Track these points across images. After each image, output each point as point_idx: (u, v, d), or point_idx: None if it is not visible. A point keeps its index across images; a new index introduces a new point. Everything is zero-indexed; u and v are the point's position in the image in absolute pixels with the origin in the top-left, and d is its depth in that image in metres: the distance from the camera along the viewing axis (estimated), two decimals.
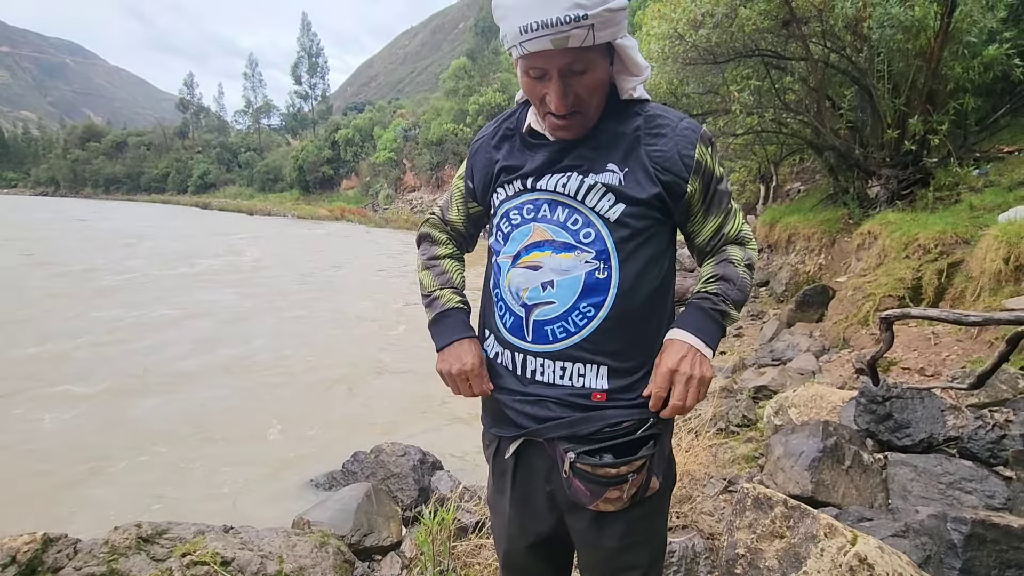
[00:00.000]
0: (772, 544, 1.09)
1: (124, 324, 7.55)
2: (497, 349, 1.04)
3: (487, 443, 1.14)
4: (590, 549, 1.03)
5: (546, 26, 0.80)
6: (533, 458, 1.03)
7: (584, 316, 0.93)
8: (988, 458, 1.90)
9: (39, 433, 4.34)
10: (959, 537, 1.20)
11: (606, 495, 0.91)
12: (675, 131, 0.93)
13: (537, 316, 0.95)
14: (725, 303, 0.98)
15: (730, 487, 2.78)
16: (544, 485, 1.03)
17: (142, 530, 2.16)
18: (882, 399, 2.21)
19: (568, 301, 0.93)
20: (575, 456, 0.91)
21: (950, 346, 3.30)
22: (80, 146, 71.69)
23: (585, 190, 0.93)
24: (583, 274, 0.93)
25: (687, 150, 0.93)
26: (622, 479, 0.90)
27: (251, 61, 63.74)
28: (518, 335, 0.98)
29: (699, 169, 0.94)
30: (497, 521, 1.14)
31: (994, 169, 5.55)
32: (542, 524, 1.05)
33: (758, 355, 5.19)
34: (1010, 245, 3.27)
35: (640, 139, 0.94)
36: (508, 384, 1.02)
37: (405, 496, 3.20)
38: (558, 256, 0.94)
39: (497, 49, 34.56)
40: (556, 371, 0.95)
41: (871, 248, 5.42)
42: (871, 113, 6.42)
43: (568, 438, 0.94)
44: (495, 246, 1.05)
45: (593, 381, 0.94)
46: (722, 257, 1.03)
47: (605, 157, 0.94)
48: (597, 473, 0.90)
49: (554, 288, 0.94)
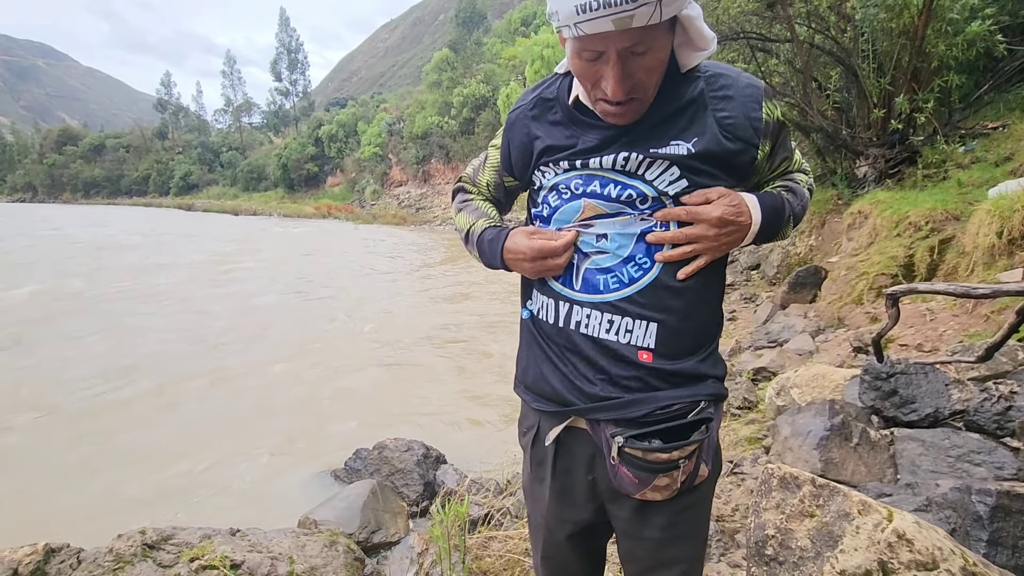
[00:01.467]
0: (803, 523, 1.08)
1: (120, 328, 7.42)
2: (541, 301, 0.98)
3: (524, 430, 1.09)
4: (632, 541, 0.99)
5: (608, 5, 0.71)
6: (574, 445, 0.99)
7: (639, 267, 0.88)
8: (995, 430, 1.91)
9: (42, 443, 4.25)
10: (985, 509, 1.20)
11: (655, 483, 0.87)
12: (740, 92, 0.88)
13: (589, 264, 0.91)
14: (788, 204, 0.97)
15: (736, 469, 2.79)
16: (585, 474, 0.99)
17: (147, 536, 2.12)
18: (886, 375, 2.23)
19: (623, 253, 0.89)
20: (624, 440, 0.87)
21: (946, 321, 3.33)
22: (56, 150, 70.09)
23: (645, 166, 0.87)
24: (639, 228, 0.89)
25: (755, 111, 0.87)
26: (673, 465, 0.86)
27: (229, 58, 62.63)
28: (566, 283, 0.93)
29: (767, 130, 0.89)
30: (535, 509, 1.10)
31: (980, 145, 5.60)
32: (581, 513, 1.02)
33: (754, 338, 5.22)
34: (1003, 219, 3.30)
35: (707, 104, 0.87)
36: (549, 339, 0.97)
37: (411, 491, 3.18)
38: (612, 220, 0.90)
39: (480, 40, 34.27)
40: (603, 323, 0.90)
41: (862, 227, 5.46)
42: (857, 93, 6.45)
43: (616, 421, 0.90)
44: (538, 218, 0.99)
45: (641, 338, 0.89)
46: (789, 178, 1.03)
47: (667, 133, 0.87)
48: (648, 459, 0.86)
49: (608, 240, 0.90)
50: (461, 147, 30.40)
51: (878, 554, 0.95)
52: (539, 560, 1.13)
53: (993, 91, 6.41)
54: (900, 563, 0.94)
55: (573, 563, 1.11)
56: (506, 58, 29.89)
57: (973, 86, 6.47)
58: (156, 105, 69.04)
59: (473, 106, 29.81)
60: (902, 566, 0.93)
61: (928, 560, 0.92)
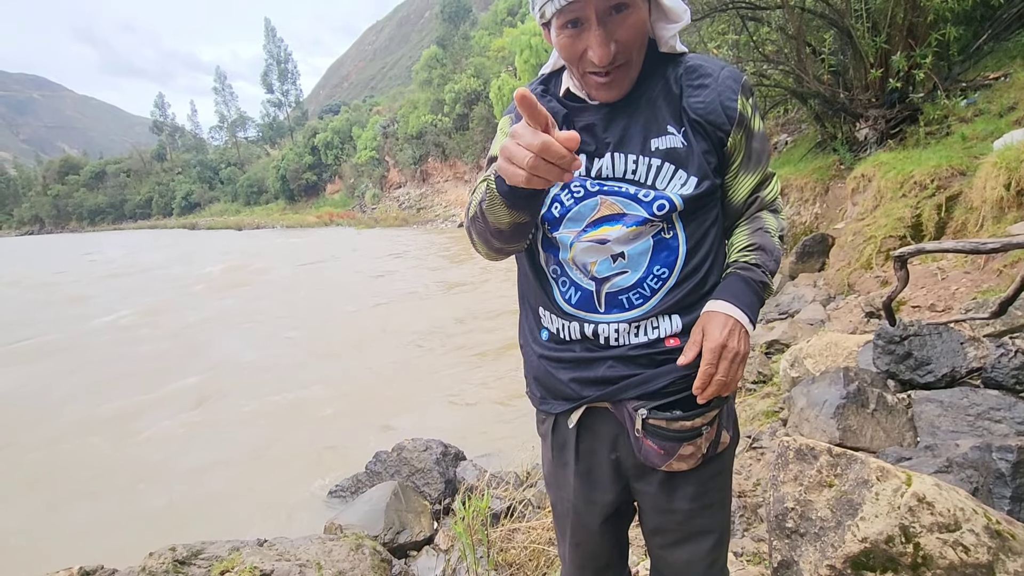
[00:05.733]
0: (821, 494, 1.08)
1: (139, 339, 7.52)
2: (559, 324, 0.98)
3: (542, 419, 1.10)
4: (661, 514, 1.00)
5: None
6: (597, 426, 1.00)
7: (658, 279, 0.91)
8: (1014, 385, 1.89)
9: (64, 461, 4.33)
10: (1007, 466, 1.19)
11: (680, 452, 0.89)
12: (718, 81, 0.89)
13: (610, 288, 0.92)
14: (765, 275, 0.95)
15: (754, 444, 2.78)
16: (609, 453, 1.00)
17: (177, 553, 2.15)
18: (900, 339, 2.20)
19: (640, 268, 0.90)
20: (648, 412, 0.89)
21: (957, 279, 3.29)
22: (59, 180, 70.90)
23: (655, 174, 0.89)
24: (650, 238, 0.90)
25: (730, 100, 0.88)
26: (696, 433, 0.88)
27: (219, 75, 62.87)
28: (588, 308, 0.94)
29: (741, 121, 0.90)
30: (560, 496, 1.10)
31: (982, 97, 5.49)
32: (607, 494, 1.03)
33: (765, 310, 5.19)
34: (1010, 171, 3.24)
35: (683, 92, 0.90)
36: (572, 355, 0.97)
37: (432, 490, 3.21)
38: (628, 229, 0.90)
39: (467, 34, 34.06)
40: (631, 332, 0.92)
41: (866, 191, 5.39)
42: (852, 55, 6.33)
43: (639, 396, 0.92)
44: (551, 219, 0.96)
45: (668, 330, 0.92)
46: (758, 225, 0.98)
47: (661, 119, 0.89)
48: (672, 428, 0.88)
49: (625, 259, 0.91)
50: (456, 144, 30.31)
51: (899, 519, 0.94)
52: (567, 548, 1.13)
53: (992, 40, 6.27)
54: (922, 526, 0.93)
55: (604, 549, 1.11)
56: (495, 50, 29.71)
57: (971, 37, 6.34)
58: (152, 127, 69.49)
59: (466, 101, 29.68)
60: (924, 529, 0.93)
61: (950, 521, 0.91)
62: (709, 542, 0.98)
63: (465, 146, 29.48)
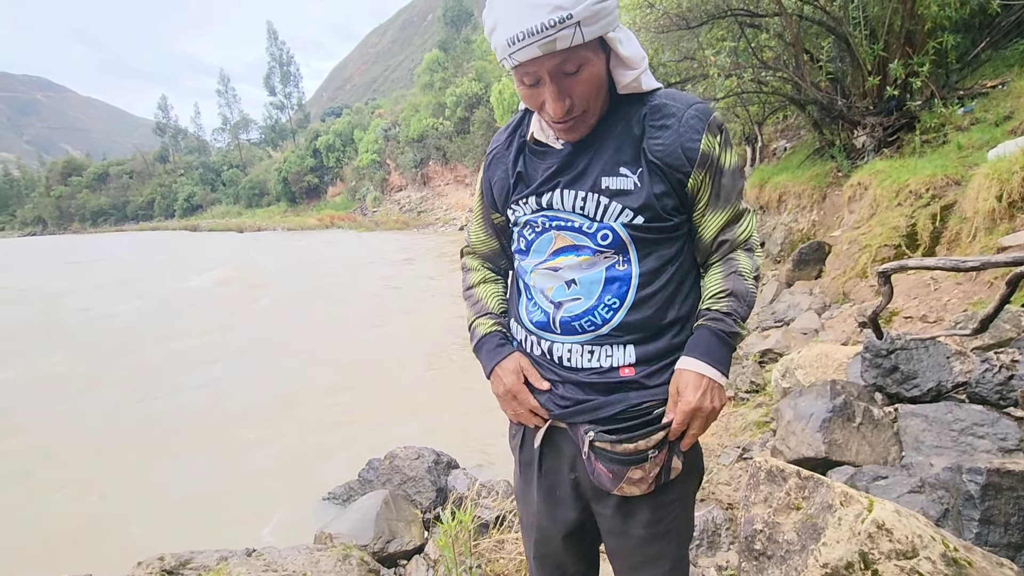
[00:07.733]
0: (789, 517, 1.08)
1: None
2: (523, 335, 1.05)
3: (512, 433, 1.14)
4: (618, 538, 1.02)
5: (532, 34, 0.79)
6: (559, 446, 1.04)
7: (609, 308, 0.94)
8: (998, 400, 1.89)
9: (53, 468, 4.34)
10: (975, 488, 1.19)
11: (628, 475, 0.91)
12: (680, 121, 0.90)
13: (564, 314, 0.97)
14: (736, 323, 0.96)
15: (745, 455, 2.79)
16: (569, 473, 1.03)
17: (165, 563, 2.16)
18: (887, 352, 2.20)
19: (592, 296, 0.95)
20: (594, 435, 0.92)
21: (950, 290, 3.29)
22: (62, 182, 71.23)
23: (602, 211, 0.92)
24: (603, 269, 0.94)
25: (691, 142, 0.89)
26: (642, 457, 0.90)
27: (223, 77, 63.19)
28: (546, 329, 1.00)
29: (704, 161, 0.90)
30: (526, 511, 1.14)
31: (979, 105, 5.49)
32: (569, 512, 1.06)
33: (760, 318, 5.19)
34: (1001, 182, 3.24)
35: (644, 132, 0.92)
36: (533, 363, 1.04)
37: (423, 499, 3.21)
38: (579, 259, 0.95)
39: (469, 38, 34.18)
40: (584, 355, 0.96)
41: (862, 199, 5.39)
42: (850, 62, 6.34)
43: (591, 421, 0.95)
44: (518, 252, 1.06)
45: (621, 359, 0.95)
46: (731, 268, 0.98)
47: (616, 160, 0.92)
48: (616, 451, 0.90)
49: (578, 285, 0.95)
50: (457, 147, 30.36)
51: (859, 545, 0.95)
52: (533, 561, 1.17)
53: (990, 48, 6.27)
54: (880, 553, 0.93)
55: (568, 563, 1.14)
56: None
57: (969, 45, 6.34)
58: (155, 129, 69.83)
59: (467, 105, 29.76)
60: (883, 556, 0.93)
61: (908, 549, 0.92)
62: (663, 568, 1.00)
63: (466, 149, 29.53)
